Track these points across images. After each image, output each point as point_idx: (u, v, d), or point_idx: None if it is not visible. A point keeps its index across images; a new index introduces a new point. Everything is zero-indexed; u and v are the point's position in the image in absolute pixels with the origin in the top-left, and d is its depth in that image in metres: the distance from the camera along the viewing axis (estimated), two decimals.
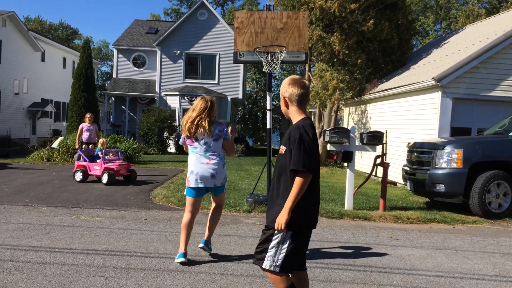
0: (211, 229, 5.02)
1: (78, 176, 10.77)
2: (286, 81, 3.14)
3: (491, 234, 6.83)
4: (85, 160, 11.04)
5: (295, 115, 3.11)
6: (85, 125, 12.31)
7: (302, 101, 3.10)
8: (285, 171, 2.98)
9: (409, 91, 11.91)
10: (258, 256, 3.06)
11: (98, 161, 10.91)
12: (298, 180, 2.88)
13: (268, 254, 3.00)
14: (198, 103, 4.75)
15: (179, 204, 8.15)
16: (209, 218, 5.04)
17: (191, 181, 4.72)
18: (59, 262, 4.56)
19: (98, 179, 10.77)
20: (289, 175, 2.95)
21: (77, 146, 12.30)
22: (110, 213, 7.23)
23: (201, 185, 4.71)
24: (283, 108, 3.18)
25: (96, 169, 10.77)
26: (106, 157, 10.97)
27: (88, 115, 12.50)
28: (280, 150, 3.10)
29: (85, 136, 12.22)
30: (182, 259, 4.63)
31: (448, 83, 10.37)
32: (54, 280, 4.04)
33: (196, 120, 4.66)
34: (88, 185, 10.30)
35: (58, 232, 5.84)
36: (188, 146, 4.83)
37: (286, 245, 2.98)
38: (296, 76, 3.18)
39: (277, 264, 2.98)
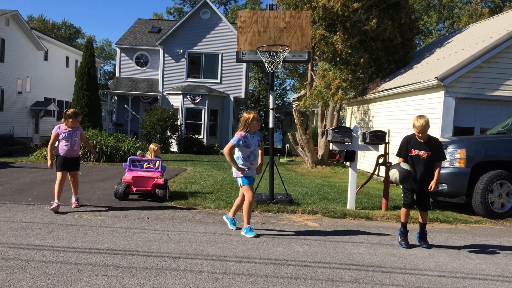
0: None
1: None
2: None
3: (494, 234, 6.82)
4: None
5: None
6: (63, 128, 7.23)
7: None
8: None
9: (412, 91, 11.88)
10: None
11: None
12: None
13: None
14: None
15: (182, 203, 8.16)
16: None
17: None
18: (62, 260, 4.58)
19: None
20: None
21: (49, 164, 7.37)
22: (112, 212, 7.24)
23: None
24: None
25: None
26: (145, 165, 8.96)
27: (69, 112, 7.28)
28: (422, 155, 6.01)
29: (63, 147, 7.17)
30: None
31: (451, 83, 10.35)
32: (56, 279, 4.05)
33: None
34: (91, 184, 10.32)
35: (61, 231, 5.85)
36: None
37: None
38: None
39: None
